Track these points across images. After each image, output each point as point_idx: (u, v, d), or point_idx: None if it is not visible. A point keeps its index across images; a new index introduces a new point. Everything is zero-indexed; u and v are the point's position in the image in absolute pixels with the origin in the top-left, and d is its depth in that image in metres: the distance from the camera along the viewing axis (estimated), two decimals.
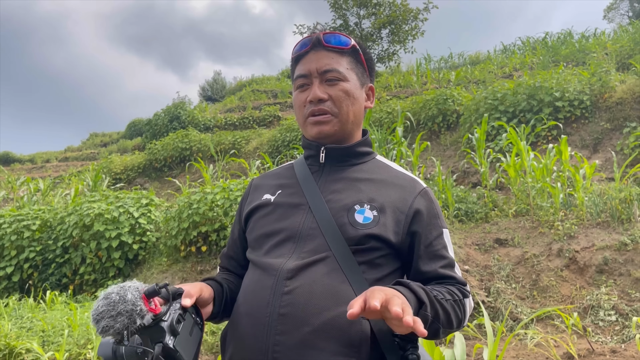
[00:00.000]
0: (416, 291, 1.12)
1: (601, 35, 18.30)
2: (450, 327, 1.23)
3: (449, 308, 1.20)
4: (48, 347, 4.38)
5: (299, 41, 1.43)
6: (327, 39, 1.37)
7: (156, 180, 14.25)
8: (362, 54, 1.43)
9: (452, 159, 10.33)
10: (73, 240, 7.50)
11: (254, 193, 1.48)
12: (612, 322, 4.69)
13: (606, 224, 5.94)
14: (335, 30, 1.42)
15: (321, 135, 1.36)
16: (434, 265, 1.28)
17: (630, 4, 26.81)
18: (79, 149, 23.35)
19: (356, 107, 1.39)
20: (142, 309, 1.02)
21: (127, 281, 1.07)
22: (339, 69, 1.36)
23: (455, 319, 1.23)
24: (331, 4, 13.81)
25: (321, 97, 1.33)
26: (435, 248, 1.30)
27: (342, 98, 1.35)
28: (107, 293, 1.03)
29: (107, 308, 1.00)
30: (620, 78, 10.52)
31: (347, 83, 1.37)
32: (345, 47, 1.39)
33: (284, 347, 1.15)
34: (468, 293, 1.29)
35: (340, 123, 1.36)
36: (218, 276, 1.43)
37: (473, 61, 20.86)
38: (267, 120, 17.26)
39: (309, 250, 1.24)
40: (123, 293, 1.02)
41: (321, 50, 1.37)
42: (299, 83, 1.39)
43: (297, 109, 1.41)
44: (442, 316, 1.18)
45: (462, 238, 6.39)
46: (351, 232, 1.24)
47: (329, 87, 1.35)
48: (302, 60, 1.40)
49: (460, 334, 2.74)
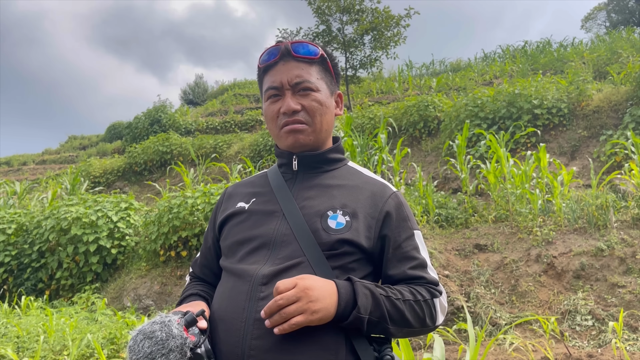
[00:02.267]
0: (357, 291, 1.17)
1: (579, 45, 18.68)
2: (408, 327, 1.24)
3: (405, 308, 1.22)
4: (23, 354, 4.28)
5: (265, 50, 1.41)
6: (296, 49, 1.37)
7: (136, 184, 14.09)
8: (329, 62, 1.44)
9: (433, 164, 10.41)
10: (50, 245, 7.37)
11: (227, 201, 1.49)
12: (589, 327, 4.75)
13: (583, 230, 6.04)
14: (302, 39, 1.41)
15: (296, 144, 1.37)
16: (402, 267, 1.30)
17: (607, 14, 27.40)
18: (57, 152, 23.00)
19: (328, 116, 1.40)
20: (189, 340, 1.05)
21: (160, 314, 1.09)
22: (310, 79, 1.36)
23: (415, 319, 1.24)
24: (314, 9, 13.83)
25: (295, 109, 1.34)
26: (404, 250, 1.32)
27: (315, 108, 1.36)
28: (148, 332, 1.04)
29: (157, 347, 1.01)
30: (597, 87, 10.74)
31: (318, 93, 1.37)
32: (314, 57, 1.39)
33: (260, 352, 1.15)
34: (439, 293, 1.31)
35: (314, 133, 1.38)
36: (198, 289, 1.43)
37: (454, 68, 21.12)
38: (249, 125, 17.21)
39: (283, 257, 1.25)
40: (168, 329, 1.03)
41: (290, 60, 1.37)
42: (270, 94, 1.39)
43: (270, 120, 1.40)
44: (394, 316, 1.21)
45: (443, 243, 6.43)
46: (324, 237, 1.26)
47: (301, 97, 1.36)
48: (271, 71, 1.39)
49: (440, 338, 2.75)
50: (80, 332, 4.58)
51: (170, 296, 6.50)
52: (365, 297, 1.17)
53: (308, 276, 1.15)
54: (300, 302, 1.10)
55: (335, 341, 1.18)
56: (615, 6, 26.70)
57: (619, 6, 26.54)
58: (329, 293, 1.14)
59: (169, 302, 6.42)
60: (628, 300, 4.94)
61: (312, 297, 1.11)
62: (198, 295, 1.39)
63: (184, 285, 1.55)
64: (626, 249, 5.47)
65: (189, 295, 1.40)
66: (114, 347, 4.33)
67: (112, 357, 4.17)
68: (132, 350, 1.03)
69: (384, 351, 1.22)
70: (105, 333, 4.50)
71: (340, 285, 1.17)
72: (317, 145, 1.41)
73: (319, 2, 13.57)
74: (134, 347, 1.03)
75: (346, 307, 1.15)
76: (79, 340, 4.20)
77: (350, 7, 13.67)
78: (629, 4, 26.11)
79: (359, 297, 1.16)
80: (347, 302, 1.16)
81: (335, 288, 1.16)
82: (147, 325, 1.06)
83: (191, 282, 1.52)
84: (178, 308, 1.27)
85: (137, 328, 1.07)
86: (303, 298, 1.10)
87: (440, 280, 5.34)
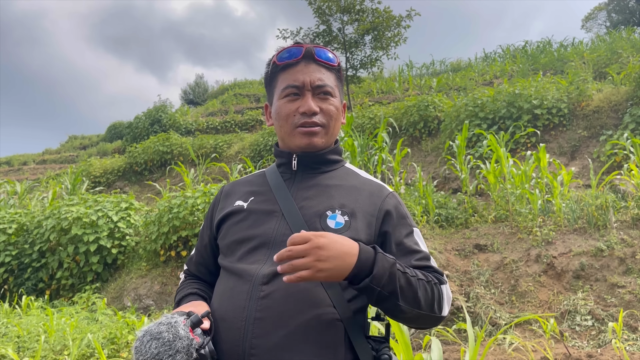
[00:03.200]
0: (377, 261, 1.16)
1: (579, 45, 18.67)
2: (418, 307, 1.22)
3: (418, 286, 1.21)
4: (23, 353, 4.29)
5: (285, 48, 1.42)
6: (319, 54, 1.40)
7: (136, 184, 14.10)
8: (341, 72, 1.48)
9: (433, 164, 10.42)
10: (50, 245, 7.38)
11: (225, 200, 1.49)
12: (589, 327, 4.76)
13: (583, 230, 6.04)
14: (323, 45, 1.45)
15: (310, 146, 1.38)
16: (407, 261, 1.30)
17: (607, 14, 27.39)
18: (57, 152, 23.01)
19: (339, 123, 1.44)
20: (195, 342, 1.06)
21: (165, 315, 1.10)
22: (330, 84, 1.40)
23: (426, 301, 1.23)
24: (315, 9, 13.81)
25: (315, 111, 1.36)
26: (406, 245, 1.33)
27: (332, 112, 1.40)
28: (155, 332, 1.05)
29: (164, 348, 1.02)
30: (597, 87, 10.74)
31: (335, 99, 1.41)
32: (334, 65, 1.43)
33: (260, 350, 1.16)
34: (445, 281, 1.31)
35: (327, 136, 1.41)
36: (196, 288, 1.44)
37: (454, 68, 21.11)
38: (250, 125, 17.21)
39: None
40: (175, 330, 1.05)
41: (312, 63, 1.40)
42: (289, 92, 1.39)
43: (284, 118, 1.40)
44: (406, 293, 1.19)
45: (442, 243, 6.43)
46: None
47: (320, 101, 1.38)
48: (290, 70, 1.40)
49: (437, 339, 2.76)
50: (80, 332, 4.59)
51: (171, 296, 6.51)
52: (383, 269, 1.15)
53: (326, 234, 1.14)
54: (308, 257, 1.10)
55: (334, 340, 1.20)
56: (616, 6, 26.70)
57: (620, 6, 26.54)
58: (346, 254, 1.13)
59: (169, 302, 6.43)
60: (628, 300, 4.94)
61: (322, 256, 1.10)
62: (197, 294, 1.40)
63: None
64: (626, 249, 5.48)
65: (187, 295, 1.40)
66: (114, 347, 4.33)
67: (112, 357, 4.18)
68: (138, 351, 1.04)
69: (381, 350, 1.23)
70: (105, 333, 4.51)
71: (363, 249, 1.16)
72: (325, 148, 1.43)
73: (320, 2, 13.56)
74: (141, 347, 1.03)
75: (360, 272, 1.14)
76: (79, 340, 4.21)
77: (350, 7, 13.66)
78: (630, 4, 26.11)
79: (377, 267, 1.15)
80: (363, 268, 1.14)
81: (357, 251, 1.15)
82: (153, 326, 1.06)
83: (186, 280, 1.52)
84: (180, 308, 1.28)
85: (143, 328, 1.08)
86: (312, 254, 1.10)
87: None
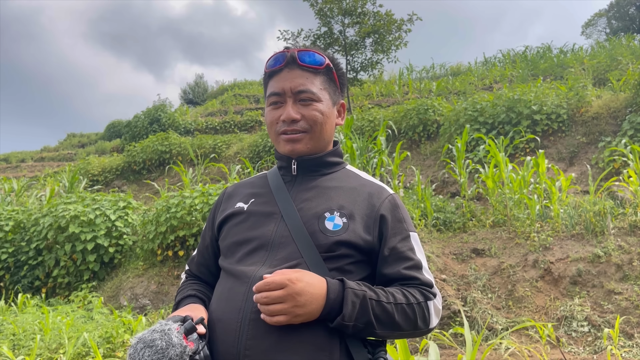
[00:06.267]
0: (346, 298, 1.17)
1: (579, 51, 18.68)
2: (398, 330, 1.24)
3: (396, 311, 1.22)
4: (19, 351, 4.28)
5: (273, 55, 1.43)
6: (302, 58, 1.38)
7: (134, 183, 14.07)
8: (335, 72, 1.45)
9: (432, 168, 10.42)
10: (47, 242, 7.36)
11: (227, 201, 1.50)
12: (585, 333, 4.76)
13: (580, 236, 6.05)
14: (310, 48, 1.43)
15: (293, 152, 1.39)
16: (397, 267, 1.30)
17: (607, 21, 27.47)
18: (55, 149, 22.97)
19: (327, 126, 1.42)
20: (189, 349, 1.06)
21: (160, 321, 1.10)
22: (312, 89, 1.38)
23: (406, 322, 1.24)
24: (316, 11, 13.82)
25: (294, 118, 1.36)
26: (399, 250, 1.32)
27: (315, 118, 1.38)
28: (148, 340, 1.05)
29: (157, 356, 1.02)
30: (596, 93, 10.75)
31: (320, 103, 1.39)
32: (320, 67, 1.40)
33: (255, 352, 1.17)
34: (432, 296, 1.31)
35: (312, 141, 1.39)
36: (195, 290, 1.44)
37: (454, 72, 21.12)
38: (249, 125, 17.20)
39: (281, 258, 1.27)
40: (168, 338, 1.05)
41: (295, 68, 1.38)
42: (272, 100, 1.40)
43: (270, 125, 1.42)
44: (383, 320, 1.21)
45: (440, 247, 6.44)
46: (322, 239, 1.27)
47: (302, 107, 1.37)
48: (275, 77, 1.40)
49: (434, 344, 2.76)
50: (76, 330, 4.58)
51: (167, 296, 6.50)
52: (352, 305, 1.17)
53: (301, 277, 1.15)
54: (285, 304, 1.12)
55: (330, 342, 1.20)
56: (616, 13, 26.78)
57: (620, 13, 26.62)
58: (319, 296, 1.16)
59: (165, 301, 6.41)
60: (624, 307, 4.95)
61: (299, 302, 1.13)
62: (196, 297, 1.40)
63: (180, 284, 1.56)
64: (623, 255, 5.49)
65: (186, 297, 1.40)
66: (110, 346, 4.33)
67: (108, 356, 4.17)
68: (132, 359, 1.04)
69: (377, 353, 1.24)
70: (101, 332, 4.50)
71: (330, 289, 1.18)
72: (316, 152, 1.43)
73: (322, 4, 13.57)
74: (134, 355, 1.04)
75: (331, 312, 1.17)
76: (75, 339, 4.20)
77: (352, 9, 13.67)
78: (630, 11, 26.19)
79: (346, 305, 1.17)
80: (333, 307, 1.17)
81: (325, 291, 1.17)
82: (147, 333, 1.07)
83: (187, 280, 1.53)
84: (177, 312, 1.28)
85: (137, 336, 1.08)
86: (289, 301, 1.12)
87: (437, 284, 5.35)
